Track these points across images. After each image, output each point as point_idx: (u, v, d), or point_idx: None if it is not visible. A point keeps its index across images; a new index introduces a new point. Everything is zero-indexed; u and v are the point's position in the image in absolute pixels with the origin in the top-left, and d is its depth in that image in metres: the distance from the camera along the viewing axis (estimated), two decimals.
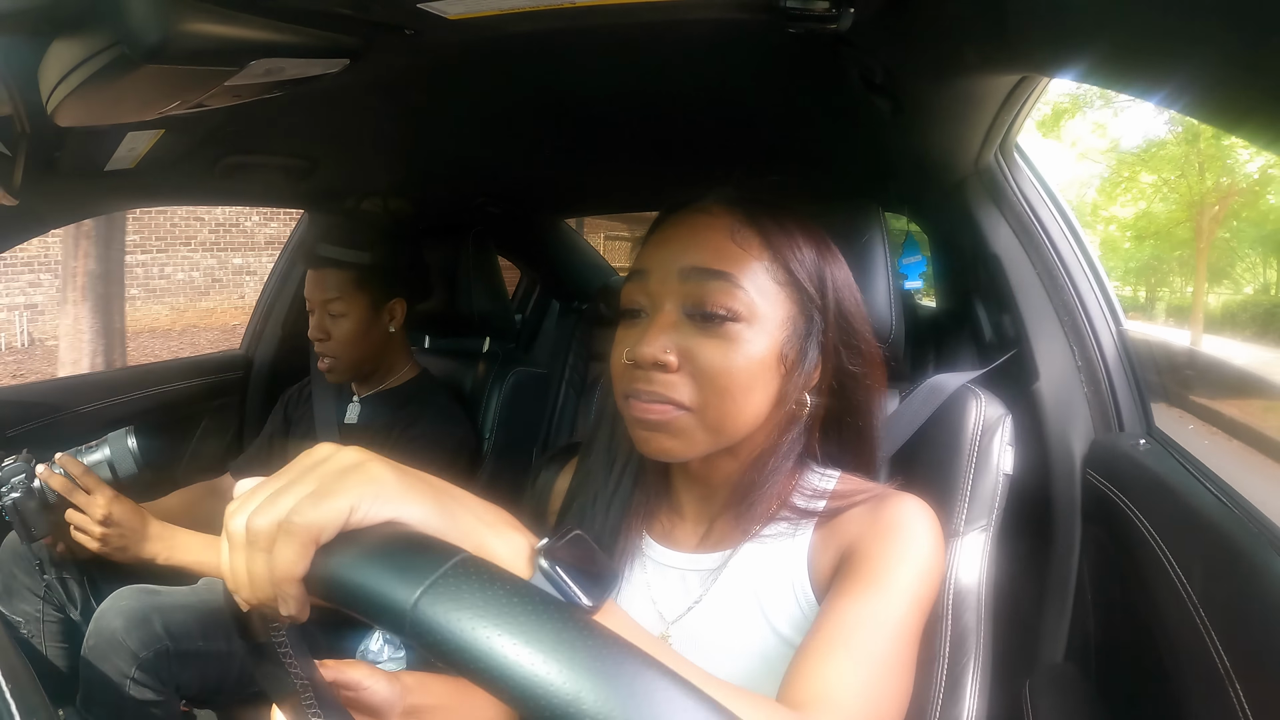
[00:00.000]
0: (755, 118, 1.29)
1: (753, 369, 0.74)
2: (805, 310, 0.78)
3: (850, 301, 0.81)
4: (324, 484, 0.45)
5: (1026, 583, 1.13)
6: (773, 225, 0.78)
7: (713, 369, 0.73)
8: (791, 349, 0.76)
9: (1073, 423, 1.10)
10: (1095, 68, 0.62)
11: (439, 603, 0.38)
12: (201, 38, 0.66)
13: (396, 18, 0.76)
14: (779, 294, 0.76)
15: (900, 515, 0.75)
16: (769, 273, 0.76)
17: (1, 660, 0.57)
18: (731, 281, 0.74)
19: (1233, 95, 0.46)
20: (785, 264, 0.77)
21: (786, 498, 0.81)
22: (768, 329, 0.75)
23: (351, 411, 1.64)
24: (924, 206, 1.66)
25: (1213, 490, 0.87)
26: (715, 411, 0.74)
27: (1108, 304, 1.17)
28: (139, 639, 1.28)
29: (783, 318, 0.76)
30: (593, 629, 0.37)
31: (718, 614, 0.79)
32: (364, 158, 1.60)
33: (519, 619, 0.37)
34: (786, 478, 0.81)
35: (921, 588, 0.71)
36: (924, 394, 1.02)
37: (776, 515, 0.80)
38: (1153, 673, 0.83)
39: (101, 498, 1.25)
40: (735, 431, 0.76)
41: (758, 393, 0.75)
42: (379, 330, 1.58)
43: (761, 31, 0.80)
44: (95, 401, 1.88)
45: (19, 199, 1.07)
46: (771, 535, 0.80)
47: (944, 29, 0.77)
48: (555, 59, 1.01)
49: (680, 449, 0.76)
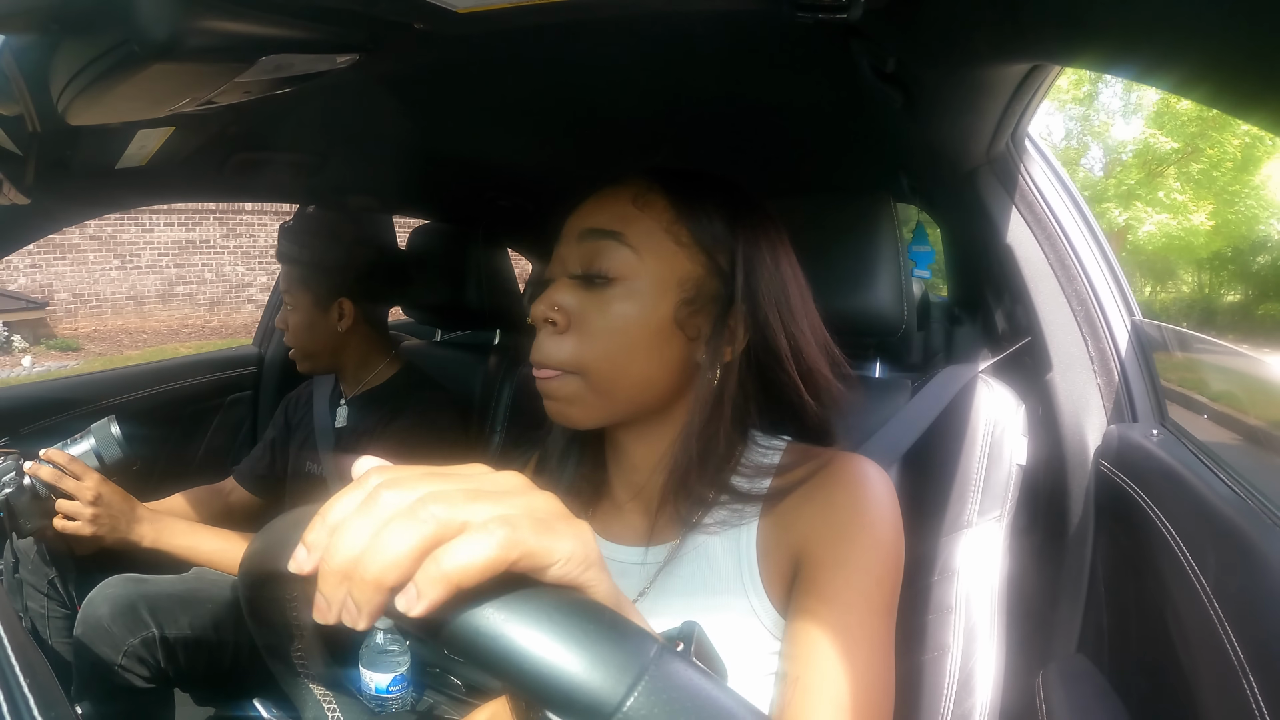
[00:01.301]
0: (766, 109, 1.29)
1: (639, 331, 0.73)
2: (714, 277, 0.75)
3: (779, 281, 0.77)
4: (487, 520, 0.37)
5: (1039, 574, 1.12)
6: (683, 188, 0.77)
7: (596, 329, 0.73)
8: (690, 314, 0.74)
9: (1086, 413, 1.10)
10: (1108, 56, 0.61)
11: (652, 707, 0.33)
12: (211, 34, 0.66)
13: (405, 12, 0.75)
14: (678, 255, 0.74)
15: (851, 498, 0.72)
16: (670, 234, 0.75)
17: (20, 655, 0.57)
18: (620, 241, 0.74)
19: (1247, 82, 0.45)
20: (689, 226, 0.75)
21: (725, 481, 0.76)
22: (660, 291, 0.73)
23: (341, 415, 1.64)
24: (936, 197, 1.65)
25: (1226, 481, 0.86)
26: (602, 373, 0.73)
27: (1121, 294, 1.16)
28: (125, 626, 1.30)
29: (680, 279, 0.74)
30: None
31: (664, 609, 0.75)
32: (374, 153, 1.60)
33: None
34: (723, 457, 0.77)
35: (887, 565, 0.70)
36: (937, 385, 1.01)
37: (716, 501, 0.76)
38: (1166, 664, 0.83)
39: (90, 480, 1.29)
40: (629, 396, 0.75)
41: (649, 356, 0.74)
42: (326, 327, 1.56)
43: (772, 22, 0.79)
44: (111, 397, 1.90)
45: (31, 198, 1.08)
46: (716, 524, 0.76)
47: (955, 18, 0.76)
48: (564, 52, 1.01)
49: (577, 415, 0.75)
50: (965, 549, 0.92)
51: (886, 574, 0.70)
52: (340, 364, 1.62)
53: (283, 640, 0.53)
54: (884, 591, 0.69)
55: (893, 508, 0.73)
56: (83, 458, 1.33)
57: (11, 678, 0.55)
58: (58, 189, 1.22)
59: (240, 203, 10.04)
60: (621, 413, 0.77)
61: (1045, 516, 1.12)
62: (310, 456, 1.63)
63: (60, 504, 1.27)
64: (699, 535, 0.76)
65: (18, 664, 0.56)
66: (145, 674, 1.31)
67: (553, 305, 0.74)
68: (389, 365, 1.66)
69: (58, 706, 0.54)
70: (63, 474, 1.28)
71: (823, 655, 0.65)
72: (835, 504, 0.72)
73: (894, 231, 1.09)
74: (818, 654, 0.65)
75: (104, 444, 1.36)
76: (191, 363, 2.22)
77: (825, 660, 0.64)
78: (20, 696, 0.53)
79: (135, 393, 1.96)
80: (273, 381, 2.29)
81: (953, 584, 0.91)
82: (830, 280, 0.87)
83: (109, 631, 1.29)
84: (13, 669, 0.55)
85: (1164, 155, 11.39)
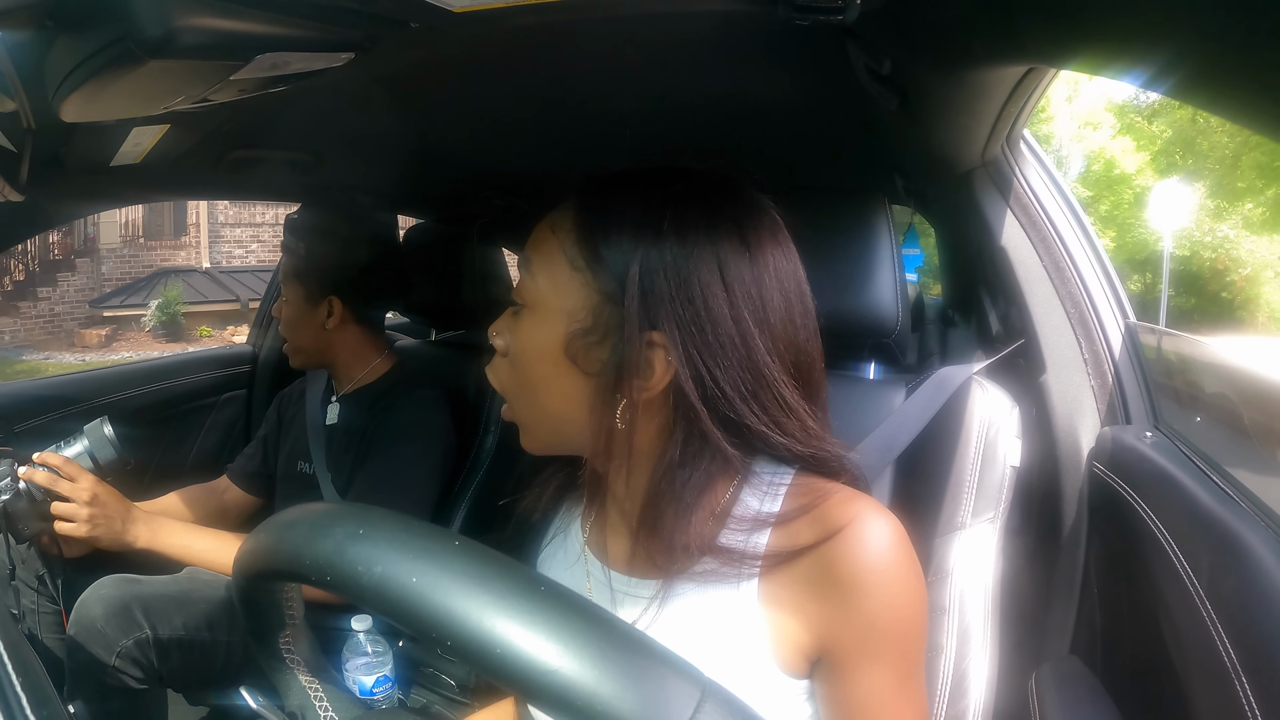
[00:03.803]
0: (761, 110, 1.29)
1: (535, 363, 0.69)
2: (613, 303, 0.65)
3: (713, 300, 0.65)
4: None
5: (1033, 576, 1.13)
6: (590, 204, 0.69)
7: (513, 357, 0.72)
8: (586, 346, 0.67)
9: (1079, 415, 1.10)
10: (1103, 59, 0.61)
11: None
12: (206, 32, 0.66)
13: (402, 11, 0.75)
14: (572, 281, 0.67)
15: (871, 582, 0.64)
16: (567, 257, 0.67)
17: (12, 654, 0.57)
18: (527, 267, 0.71)
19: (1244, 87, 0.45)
20: (586, 248, 0.67)
21: (710, 538, 0.67)
22: (549, 320, 0.68)
23: (332, 412, 1.64)
24: (930, 199, 1.65)
25: (1219, 483, 0.87)
26: (521, 403, 0.73)
27: (1115, 296, 1.17)
28: (118, 627, 1.29)
29: (569, 308, 0.67)
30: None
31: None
32: (369, 151, 1.60)
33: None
34: (692, 505, 0.67)
35: (916, 631, 0.66)
36: (931, 387, 1.02)
37: (702, 554, 0.67)
38: (1159, 667, 0.83)
39: (85, 482, 1.28)
40: (551, 429, 0.72)
41: (549, 390, 0.69)
42: (314, 324, 1.56)
43: (768, 24, 0.79)
44: (107, 395, 1.89)
45: (25, 195, 1.08)
46: (706, 575, 0.67)
47: (950, 21, 0.76)
48: (560, 52, 1.01)
49: (524, 440, 0.75)
50: (959, 550, 0.92)
51: (916, 640, 0.66)
52: (330, 360, 1.62)
53: (271, 626, 0.53)
54: (917, 654, 0.67)
55: (911, 567, 0.66)
56: (77, 459, 1.32)
57: (4, 676, 0.54)
58: (52, 186, 1.22)
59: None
60: (559, 445, 0.74)
61: (1039, 518, 1.13)
62: (301, 453, 1.62)
63: (56, 507, 1.27)
64: (687, 584, 0.69)
65: (10, 663, 0.56)
66: (139, 675, 1.30)
67: (495, 330, 0.74)
68: (382, 363, 1.65)
69: (49, 705, 0.54)
70: (58, 477, 1.27)
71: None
72: (855, 592, 0.64)
73: (889, 233, 1.10)
74: None
75: (98, 445, 1.35)
76: (185, 361, 2.21)
77: None
78: (13, 695, 0.53)
79: (128, 391, 1.95)
80: (267, 380, 2.28)
81: (946, 585, 0.91)
82: (825, 281, 0.87)
83: (102, 633, 1.28)
84: (5, 668, 0.55)
85: (1081, 200, 13.28)
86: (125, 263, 12.63)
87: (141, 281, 12.51)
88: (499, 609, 0.37)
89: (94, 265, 12.25)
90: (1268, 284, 13.46)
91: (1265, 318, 13.51)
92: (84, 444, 1.35)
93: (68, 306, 11.88)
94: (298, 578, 0.43)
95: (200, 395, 2.15)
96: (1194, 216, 13.16)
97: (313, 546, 0.43)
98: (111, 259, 12.44)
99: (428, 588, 0.38)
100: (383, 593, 0.39)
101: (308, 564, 0.42)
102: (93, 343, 11.36)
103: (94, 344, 11.32)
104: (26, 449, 1.31)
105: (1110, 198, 14.91)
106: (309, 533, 0.44)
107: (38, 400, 1.78)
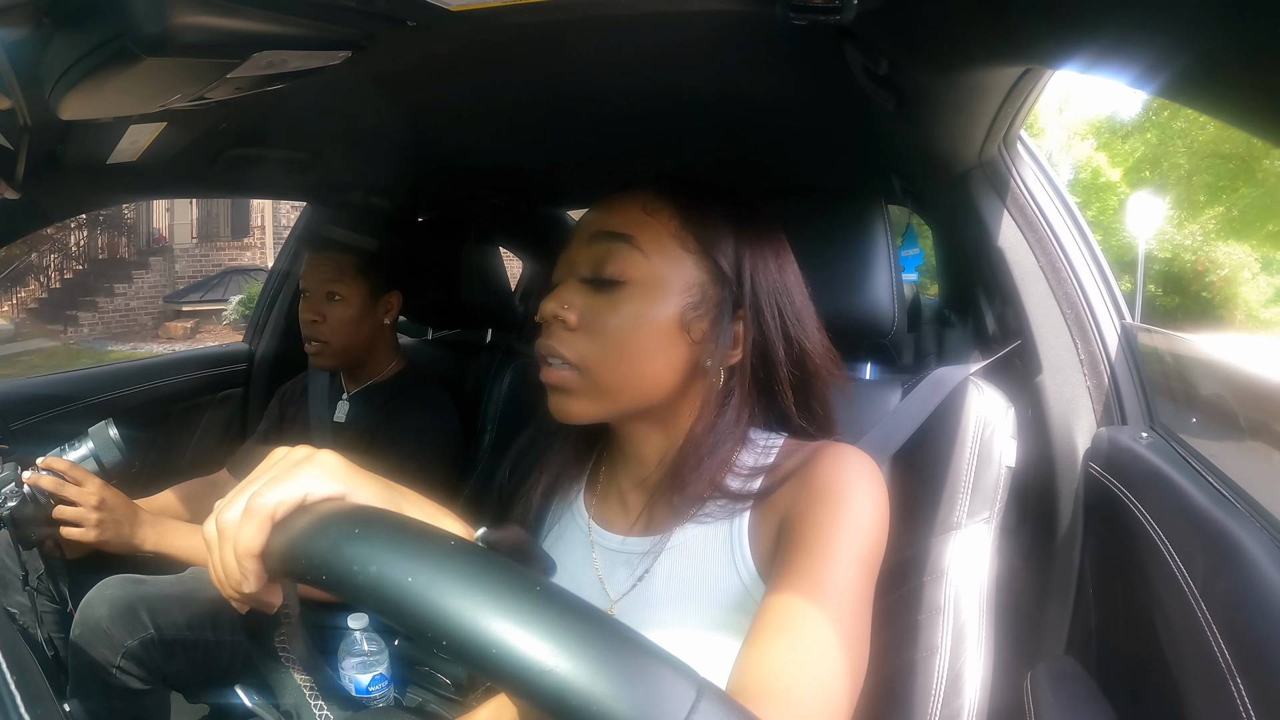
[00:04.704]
0: (758, 110, 1.29)
1: (647, 332, 0.76)
2: (718, 283, 0.78)
3: (782, 286, 0.81)
4: (280, 472, 0.52)
5: (1028, 576, 1.13)
6: (689, 197, 0.80)
7: (606, 329, 0.76)
8: (696, 318, 0.77)
9: (1075, 415, 1.10)
10: (1100, 59, 0.61)
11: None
12: (203, 30, 0.66)
13: (399, 10, 0.75)
14: (686, 261, 0.78)
15: (831, 473, 0.74)
16: (678, 240, 0.78)
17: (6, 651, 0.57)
18: (631, 244, 0.77)
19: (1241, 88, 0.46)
20: (696, 233, 0.78)
21: (720, 480, 0.79)
22: (667, 294, 0.76)
23: (341, 409, 1.63)
24: (927, 199, 1.65)
25: (1214, 483, 0.87)
26: (607, 371, 0.76)
27: (1111, 297, 1.17)
28: (124, 628, 1.29)
29: (687, 283, 0.77)
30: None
31: (660, 593, 0.78)
32: (365, 150, 1.60)
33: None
34: (722, 458, 0.79)
35: (863, 546, 0.69)
36: (927, 387, 1.02)
37: (710, 497, 0.78)
38: (1154, 667, 0.83)
39: (92, 485, 1.26)
40: (633, 395, 0.78)
41: (655, 358, 0.77)
42: (373, 320, 1.57)
43: (765, 23, 0.79)
44: (102, 394, 1.89)
45: (21, 192, 1.08)
46: (710, 515, 0.79)
47: (947, 21, 0.76)
48: (557, 50, 1.01)
49: (577, 410, 0.78)
50: (954, 550, 0.92)
51: (866, 556, 0.70)
52: (361, 359, 1.62)
53: (267, 625, 0.54)
54: (860, 554, 0.69)
55: (873, 485, 0.74)
56: (82, 463, 1.30)
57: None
58: (48, 183, 1.22)
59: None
60: (622, 409, 0.79)
61: (1034, 518, 1.13)
62: None
63: (62, 511, 1.25)
64: (692, 525, 0.79)
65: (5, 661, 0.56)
66: (143, 675, 1.30)
67: (564, 303, 0.77)
68: (396, 362, 1.66)
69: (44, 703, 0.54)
70: (64, 481, 1.26)
71: (794, 605, 0.65)
72: (816, 477, 0.74)
73: (886, 233, 1.10)
74: (790, 603, 0.65)
75: (103, 448, 1.34)
76: (181, 359, 2.21)
77: (796, 608, 0.64)
78: (6, 693, 0.53)
79: (125, 389, 1.94)
80: (263, 378, 2.28)
81: (941, 585, 0.91)
82: (822, 282, 0.87)
83: (108, 633, 1.27)
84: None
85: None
86: (196, 261, 13.93)
87: (212, 279, 13.59)
88: (495, 608, 0.37)
89: (167, 264, 13.70)
90: (1244, 284, 14.65)
91: (1243, 315, 14.54)
92: (89, 447, 1.33)
93: (142, 302, 13.23)
94: (294, 576, 0.43)
95: (196, 394, 2.14)
96: (1162, 225, 14.34)
97: (309, 545, 0.43)
98: (184, 258, 13.83)
99: (423, 587, 0.38)
100: (378, 591, 0.39)
101: (304, 562, 0.42)
102: (178, 334, 12.58)
103: (179, 335, 12.52)
104: (23, 447, 1.31)
105: (1097, 204, 15.96)
106: (305, 531, 0.44)
107: (33, 399, 1.77)
